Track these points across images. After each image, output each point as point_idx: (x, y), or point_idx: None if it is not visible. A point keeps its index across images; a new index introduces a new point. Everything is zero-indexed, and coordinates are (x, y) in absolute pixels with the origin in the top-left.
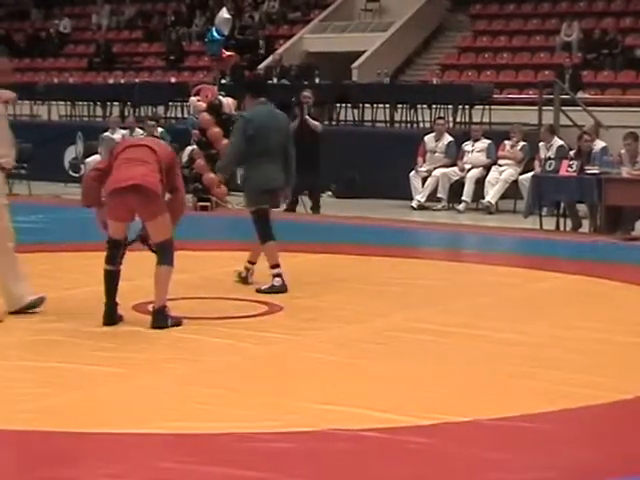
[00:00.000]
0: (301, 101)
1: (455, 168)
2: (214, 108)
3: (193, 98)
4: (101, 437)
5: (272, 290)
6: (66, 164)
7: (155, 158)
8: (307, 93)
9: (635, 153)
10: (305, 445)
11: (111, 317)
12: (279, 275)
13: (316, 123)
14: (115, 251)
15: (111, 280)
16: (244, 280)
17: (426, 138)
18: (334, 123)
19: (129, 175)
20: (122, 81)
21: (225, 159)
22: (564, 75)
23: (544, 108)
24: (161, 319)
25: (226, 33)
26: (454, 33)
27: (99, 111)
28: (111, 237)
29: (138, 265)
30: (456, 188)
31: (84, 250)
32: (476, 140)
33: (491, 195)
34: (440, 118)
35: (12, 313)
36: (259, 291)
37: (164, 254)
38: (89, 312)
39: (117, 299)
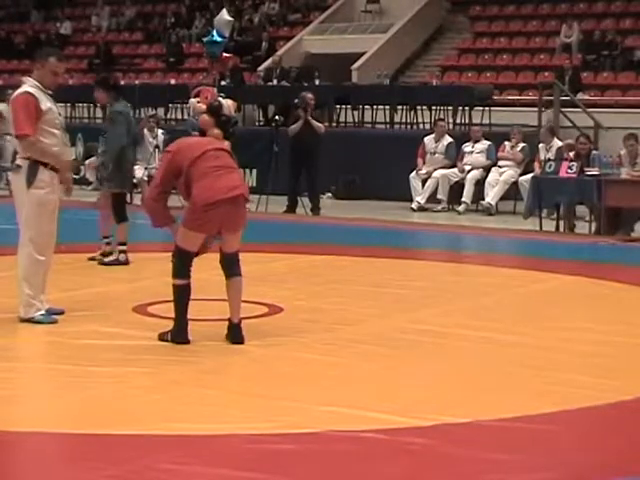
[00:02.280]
0: (308, 103)
1: (455, 169)
2: (214, 110)
3: (193, 100)
4: (100, 438)
5: (117, 262)
6: None
7: (235, 163)
8: (311, 95)
9: (635, 154)
10: (305, 446)
11: (185, 335)
12: (125, 252)
13: (319, 125)
14: (190, 264)
15: (186, 294)
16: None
17: (426, 139)
18: (334, 124)
19: (230, 184)
20: (122, 82)
21: (116, 150)
22: (564, 76)
23: (544, 109)
24: (242, 335)
25: (227, 35)
26: (454, 34)
27: (99, 113)
28: (187, 250)
29: (138, 267)
30: (456, 189)
31: (84, 251)
32: (476, 141)
33: (491, 196)
34: (441, 119)
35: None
36: (103, 263)
37: (237, 264)
38: (88, 314)
39: (116, 301)
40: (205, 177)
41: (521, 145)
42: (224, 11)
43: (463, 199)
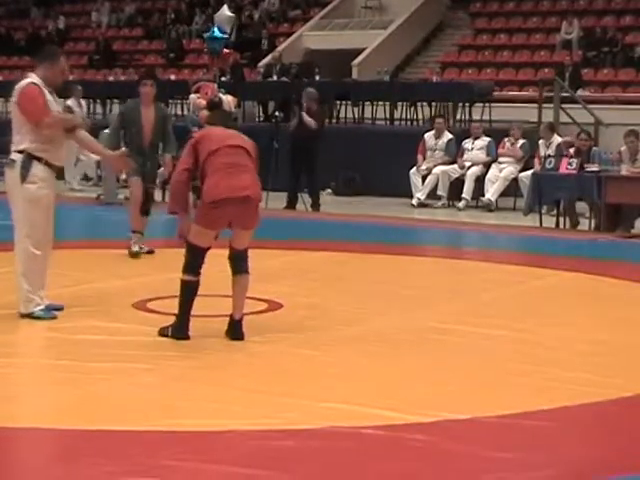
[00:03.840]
0: (297, 100)
1: (455, 166)
2: (214, 105)
3: (193, 95)
4: (102, 434)
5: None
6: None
7: (252, 161)
8: (310, 89)
9: (636, 151)
10: (305, 443)
11: (185, 331)
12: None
13: (310, 120)
14: (201, 260)
15: (193, 292)
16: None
17: (426, 136)
18: (334, 121)
19: (240, 184)
20: (122, 79)
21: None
22: (564, 73)
23: (544, 106)
24: (242, 331)
25: (228, 31)
26: (454, 31)
27: (99, 109)
28: (199, 246)
29: (138, 263)
30: (456, 186)
31: (84, 247)
32: (476, 138)
33: (491, 193)
34: (440, 116)
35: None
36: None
37: (245, 262)
38: (88, 309)
39: (116, 296)
40: (216, 173)
41: (521, 141)
42: (225, 7)
43: (463, 195)
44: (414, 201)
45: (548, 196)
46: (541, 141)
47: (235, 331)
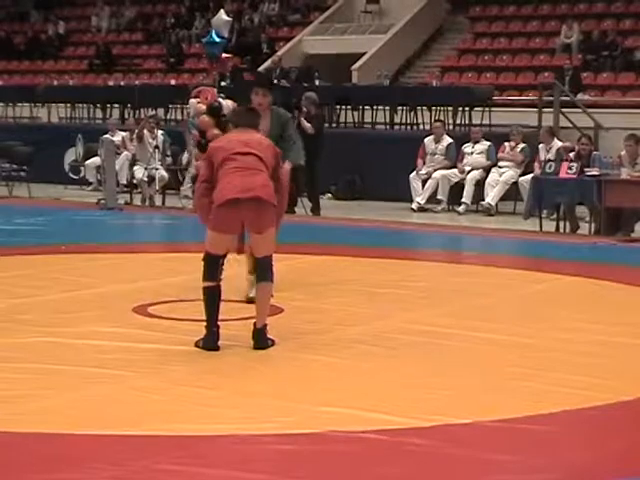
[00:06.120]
0: (296, 104)
1: (455, 170)
2: (214, 110)
3: (193, 100)
4: (101, 439)
5: None
6: (66, 166)
7: (264, 166)
8: (310, 94)
9: (635, 155)
10: (304, 447)
11: (215, 342)
12: None
13: (307, 125)
14: (217, 265)
15: (215, 297)
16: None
17: (426, 140)
18: (334, 125)
19: (247, 185)
20: (122, 83)
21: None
22: (564, 77)
23: (544, 110)
24: (264, 340)
25: (226, 35)
26: (454, 35)
27: (99, 113)
28: (212, 253)
29: (138, 267)
30: (456, 190)
31: (84, 252)
32: (476, 142)
33: (491, 197)
34: (438, 121)
35: None
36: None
37: (267, 270)
38: (88, 314)
39: (117, 301)
40: (225, 177)
41: (521, 146)
42: (222, 11)
43: (463, 200)
44: (414, 205)
45: (548, 200)
46: (541, 145)
47: (256, 340)
